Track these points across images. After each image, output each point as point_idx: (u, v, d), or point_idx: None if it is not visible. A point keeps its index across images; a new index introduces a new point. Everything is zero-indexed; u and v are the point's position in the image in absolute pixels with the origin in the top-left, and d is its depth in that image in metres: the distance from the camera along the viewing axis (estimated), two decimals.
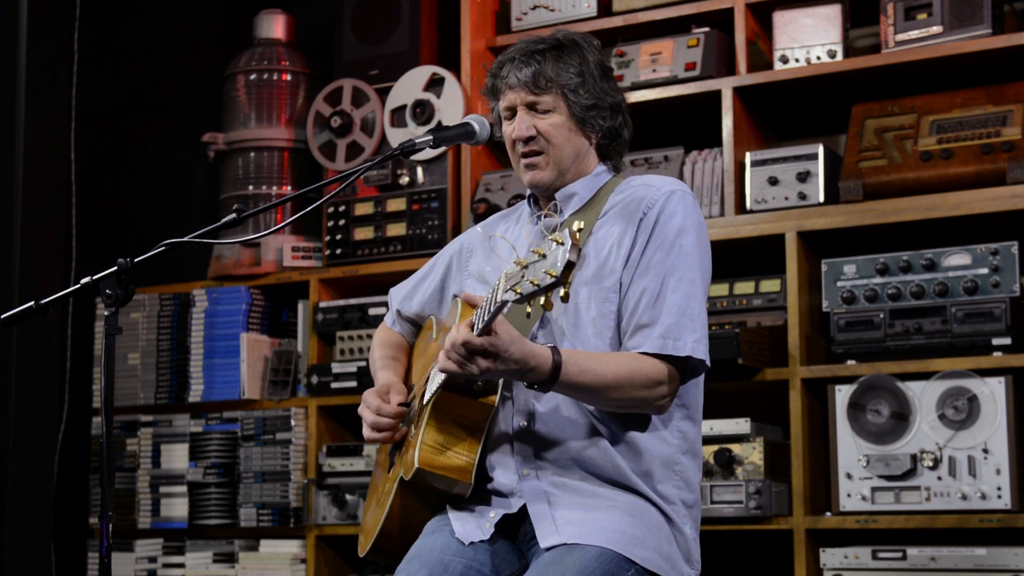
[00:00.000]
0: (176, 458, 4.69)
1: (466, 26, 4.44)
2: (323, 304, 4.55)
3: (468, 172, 4.40)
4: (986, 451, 3.56)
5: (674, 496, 2.57)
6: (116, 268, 2.55)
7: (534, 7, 4.38)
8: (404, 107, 4.52)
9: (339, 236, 4.59)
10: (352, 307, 4.52)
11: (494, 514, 2.55)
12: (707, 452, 3.79)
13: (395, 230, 4.50)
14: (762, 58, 4.16)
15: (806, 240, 3.90)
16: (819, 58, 3.99)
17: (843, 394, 3.74)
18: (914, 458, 3.64)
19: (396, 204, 4.52)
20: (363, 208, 4.57)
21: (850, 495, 3.70)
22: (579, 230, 2.13)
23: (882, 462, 3.66)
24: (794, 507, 3.77)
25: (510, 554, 2.55)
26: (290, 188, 4.75)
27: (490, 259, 2.72)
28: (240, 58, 4.84)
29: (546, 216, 2.49)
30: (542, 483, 2.54)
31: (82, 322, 5.07)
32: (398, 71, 4.55)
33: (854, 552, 3.65)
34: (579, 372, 2.43)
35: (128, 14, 5.42)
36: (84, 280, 2.60)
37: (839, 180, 3.87)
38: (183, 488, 4.66)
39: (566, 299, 2.16)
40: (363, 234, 4.56)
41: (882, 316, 3.75)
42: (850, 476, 3.71)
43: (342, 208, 4.59)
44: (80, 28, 5.16)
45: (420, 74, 4.51)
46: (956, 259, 3.71)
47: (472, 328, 2.34)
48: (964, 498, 3.57)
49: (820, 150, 3.92)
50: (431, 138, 2.70)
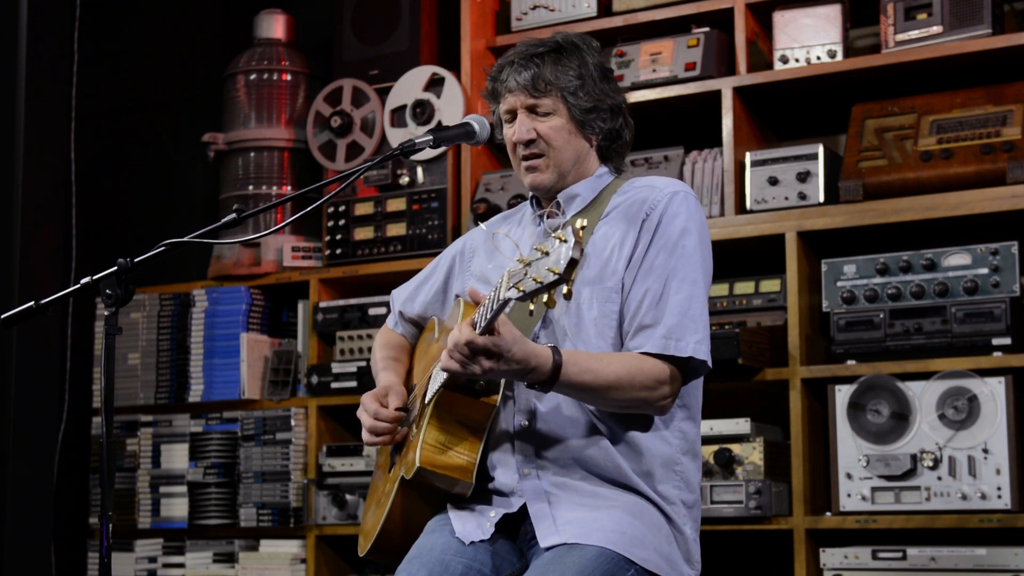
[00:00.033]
0: (176, 458, 4.69)
1: (466, 26, 4.44)
2: (323, 304, 4.55)
3: (468, 172, 4.39)
4: (986, 451, 3.56)
5: (674, 496, 2.58)
6: (116, 268, 2.55)
7: (534, 7, 4.38)
8: (404, 107, 4.51)
9: (339, 236, 4.58)
10: (352, 307, 4.51)
11: (494, 513, 2.55)
12: (707, 452, 3.79)
13: (395, 230, 4.50)
14: (762, 58, 4.16)
15: (806, 240, 3.90)
16: (819, 58, 3.99)
17: (843, 394, 3.74)
18: (914, 458, 3.64)
19: (396, 204, 4.51)
20: (363, 208, 4.57)
21: (850, 495, 3.70)
22: (582, 228, 2.13)
23: (882, 462, 3.66)
24: (794, 507, 3.77)
25: (510, 554, 2.56)
26: (290, 188, 4.75)
27: (493, 259, 2.72)
28: (240, 58, 4.84)
29: (549, 215, 2.49)
30: (543, 482, 2.54)
31: (82, 322, 5.07)
32: (398, 71, 4.55)
33: (854, 552, 3.65)
34: (580, 372, 2.43)
35: (128, 14, 5.42)
36: (84, 280, 2.60)
37: (839, 180, 3.87)
38: (183, 488, 4.65)
39: (569, 296, 2.16)
40: (363, 234, 4.55)
41: (882, 316, 3.75)
42: (850, 476, 3.71)
43: (342, 208, 4.59)
44: (80, 28, 5.16)
45: (420, 74, 4.50)
46: (956, 259, 3.71)
47: (475, 327, 2.34)
48: (964, 498, 3.57)
49: (820, 150, 3.92)
50: (431, 138, 2.70)
